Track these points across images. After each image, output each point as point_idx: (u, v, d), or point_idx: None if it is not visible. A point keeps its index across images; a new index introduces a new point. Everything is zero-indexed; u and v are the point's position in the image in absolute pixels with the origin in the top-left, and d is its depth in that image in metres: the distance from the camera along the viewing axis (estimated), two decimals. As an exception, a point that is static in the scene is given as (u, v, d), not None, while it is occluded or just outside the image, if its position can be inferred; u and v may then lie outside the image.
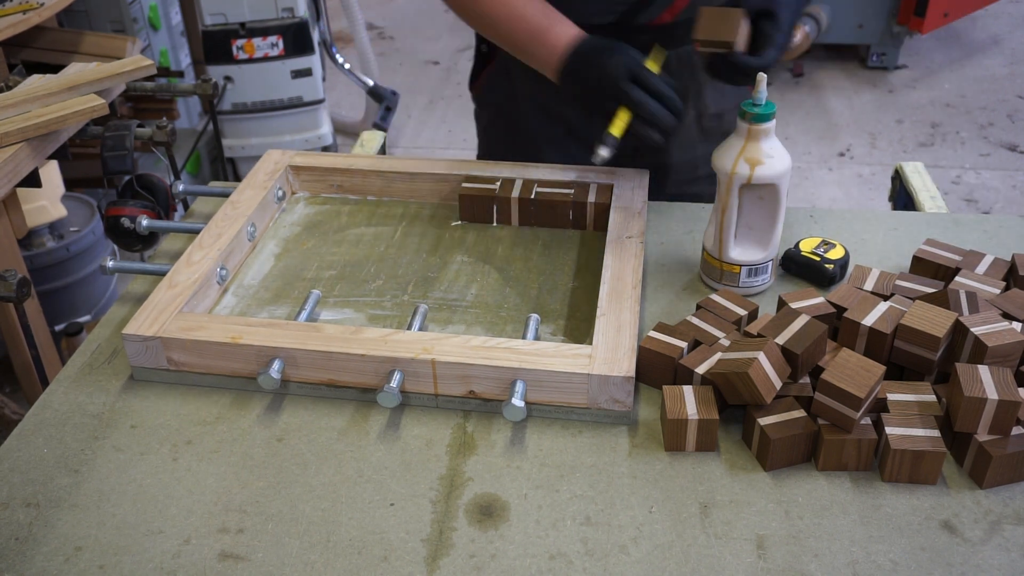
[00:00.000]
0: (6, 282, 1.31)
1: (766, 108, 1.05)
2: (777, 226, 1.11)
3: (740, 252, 1.12)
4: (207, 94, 1.73)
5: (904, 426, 0.88)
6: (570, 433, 0.95)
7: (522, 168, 1.31)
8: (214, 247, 1.14)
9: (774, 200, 1.09)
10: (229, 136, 3.14)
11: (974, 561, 0.80)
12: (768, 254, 1.12)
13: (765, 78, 1.04)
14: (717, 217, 1.11)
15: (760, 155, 1.06)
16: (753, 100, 1.05)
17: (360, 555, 0.82)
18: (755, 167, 1.06)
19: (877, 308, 0.97)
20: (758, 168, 1.06)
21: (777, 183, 1.07)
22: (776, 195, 1.08)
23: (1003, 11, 4.76)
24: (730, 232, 1.10)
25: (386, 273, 1.18)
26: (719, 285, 1.14)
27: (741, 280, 1.13)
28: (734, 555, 0.81)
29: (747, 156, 1.06)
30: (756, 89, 1.04)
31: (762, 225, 1.11)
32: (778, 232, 1.11)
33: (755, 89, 1.04)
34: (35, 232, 2.25)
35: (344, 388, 0.99)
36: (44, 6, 2.12)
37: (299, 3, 2.95)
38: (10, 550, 0.83)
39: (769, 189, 1.08)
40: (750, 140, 1.06)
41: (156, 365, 1.01)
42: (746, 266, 1.12)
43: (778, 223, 1.11)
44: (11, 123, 1.43)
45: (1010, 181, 3.43)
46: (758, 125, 1.05)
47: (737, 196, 1.08)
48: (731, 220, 1.10)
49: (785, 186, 1.08)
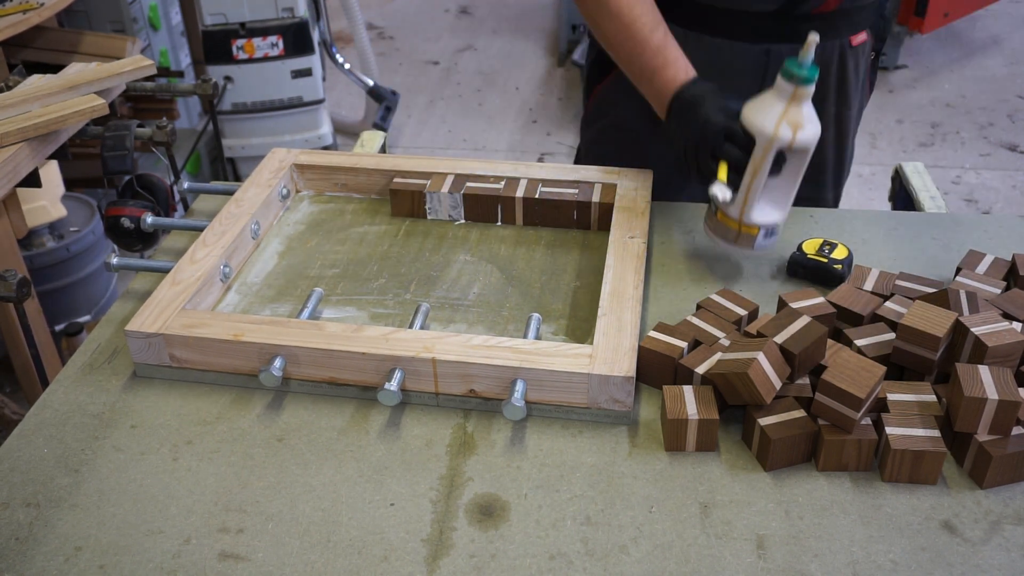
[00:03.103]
0: (6, 282, 1.31)
1: (812, 71, 1.00)
2: (795, 188, 1.09)
3: (759, 214, 1.09)
4: (207, 94, 1.72)
5: (904, 426, 0.88)
6: (570, 433, 0.95)
7: (525, 168, 1.31)
8: (217, 244, 1.14)
9: (799, 164, 1.06)
10: (229, 136, 3.14)
11: (974, 561, 0.80)
12: (784, 215, 1.11)
13: (817, 38, 0.99)
14: (746, 179, 1.06)
15: (802, 119, 1.02)
16: (799, 61, 1.00)
17: (360, 555, 0.82)
18: (797, 131, 1.02)
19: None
20: (800, 133, 1.02)
21: (811, 148, 1.05)
22: (802, 160, 1.06)
23: (1003, 11, 4.76)
24: (756, 195, 1.07)
25: (389, 272, 1.18)
26: (732, 247, 1.12)
27: (757, 242, 1.11)
28: (734, 555, 0.81)
29: (790, 119, 1.02)
30: (805, 51, 0.99)
31: (782, 186, 1.09)
32: (794, 194, 1.10)
33: (804, 51, 0.99)
34: (35, 232, 2.25)
35: (345, 386, 0.99)
36: (44, 6, 2.12)
37: (299, 3, 2.95)
38: (10, 550, 0.83)
39: (799, 154, 1.05)
40: (793, 103, 1.01)
41: (158, 362, 1.01)
42: (764, 227, 1.10)
43: (797, 185, 1.09)
44: (11, 123, 1.43)
45: (1010, 181, 3.43)
46: (804, 88, 1.01)
47: (771, 159, 1.04)
48: (760, 183, 1.06)
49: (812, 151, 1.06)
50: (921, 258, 1.21)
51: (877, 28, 1.36)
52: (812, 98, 1.04)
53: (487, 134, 3.81)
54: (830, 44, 1.29)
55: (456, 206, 1.28)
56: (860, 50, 1.34)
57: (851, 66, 1.34)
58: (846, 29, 1.30)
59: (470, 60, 4.46)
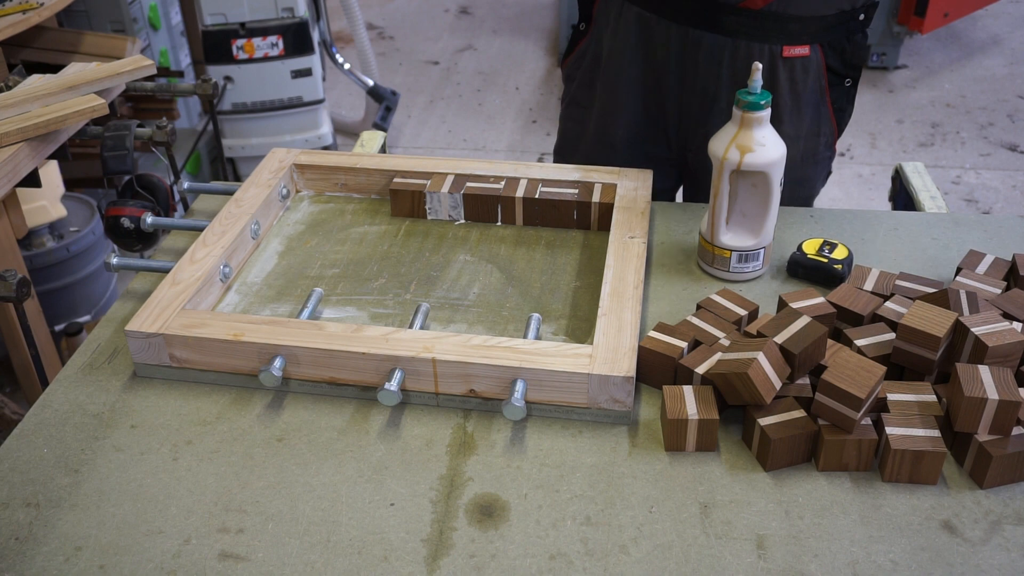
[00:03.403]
0: (6, 282, 1.31)
1: (759, 97, 1.06)
2: (769, 215, 1.12)
3: (731, 238, 1.14)
4: (207, 94, 1.72)
5: (904, 426, 0.88)
6: (570, 433, 0.95)
7: (525, 168, 1.31)
8: (218, 244, 1.14)
9: (766, 188, 1.11)
10: (229, 136, 3.14)
11: (974, 561, 0.80)
12: (759, 242, 1.14)
13: (760, 67, 1.06)
14: (711, 202, 1.14)
15: (751, 143, 1.08)
16: (748, 88, 1.07)
17: (360, 555, 0.82)
18: (745, 154, 1.08)
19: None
20: (748, 155, 1.08)
21: (768, 171, 1.09)
22: (768, 183, 1.10)
23: (1003, 11, 4.76)
24: (721, 217, 1.13)
25: (389, 272, 1.18)
26: (711, 269, 1.17)
27: (731, 265, 1.15)
28: (734, 555, 0.81)
29: (738, 143, 1.08)
30: (751, 78, 1.07)
31: (754, 212, 1.13)
32: (770, 221, 1.13)
33: (750, 78, 1.07)
34: (35, 232, 2.25)
35: (345, 386, 0.99)
36: (44, 6, 2.12)
37: (299, 3, 2.95)
38: (10, 550, 0.83)
39: (760, 177, 1.10)
40: (743, 127, 1.08)
41: (158, 362, 1.01)
42: (736, 251, 1.14)
43: (770, 212, 1.12)
44: (11, 123, 1.43)
45: (1010, 181, 3.43)
46: (751, 113, 1.07)
47: (728, 182, 1.11)
48: (722, 205, 1.12)
49: (777, 175, 1.10)
50: (921, 258, 1.21)
51: (839, 50, 1.30)
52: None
53: (487, 134, 3.81)
54: (757, 47, 1.27)
55: (456, 206, 1.28)
56: (798, 64, 1.28)
57: (783, 78, 1.29)
58: (776, 36, 1.26)
59: (470, 60, 4.46)
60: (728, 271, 1.15)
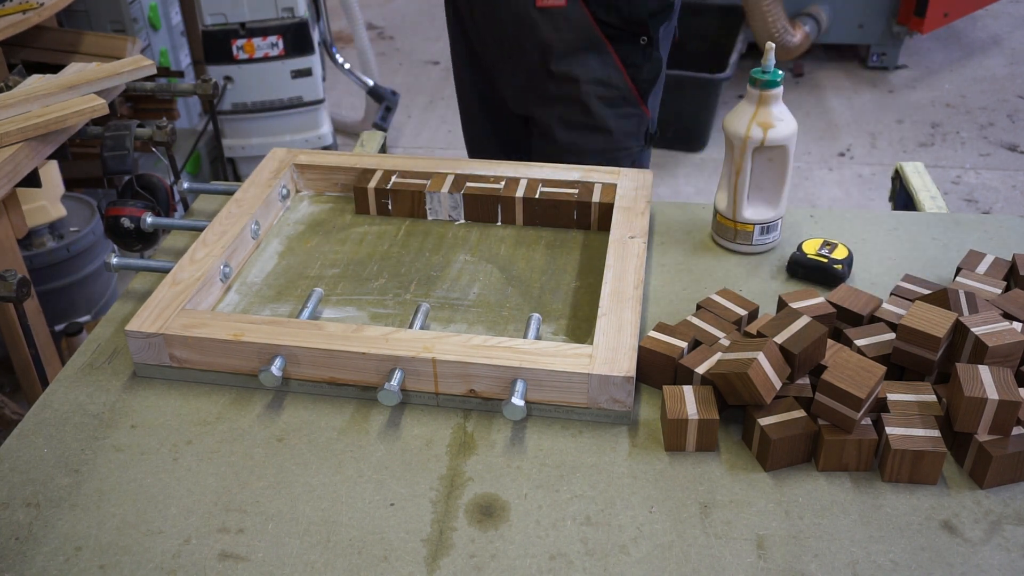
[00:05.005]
0: (6, 282, 1.31)
1: (774, 75, 1.13)
2: (786, 185, 1.17)
3: (753, 212, 1.19)
4: (207, 94, 1.72)
5: (904, 426, 0.88)
6: (570, 433, 0.95)
7: (525, 168, 1.31)
8: (218, 245, 1.14)
9: (783, 161, 1.16)
10: (229, 136, 3.14)
11: (974, 561, 0.80)
12: (778, 212, 1.19)
13: (773, 47, 1.10)
14: (731, 180, 1.18)
15: (771, 119, 1.13)
16: (762, 68, 1.13)
17: (360, 555, 0.82)
18: (767, 130, 1.13)
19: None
20: (770, 131, 1.13)
21: (787, 144, 1.14)
22: (785, 156, 1.15)
23: (1003, 11, 4.76)
24: (743, 193, 1.17)
25: (389, 272, 1.18)
26: (734, 244, 1.21)
27: (754, 238, 1.20)
28: (734, 555, 0.81)
29: (759, 120, 1.14)
30: (764, 58, 1.12)
31: (771, 185, 1.18)
32: (786, 191, 1.18)
33: (763, 58, 1.12)
34: (35, 232, 2.25)
35: (345, 386, 0.99)
36: (44, 6, 2.12)
37: (299, 3, 2.95)
38: (10, 550, 0.83)
39: (779, 151, 1.15)
40: (761, 105, 1.14)
41: (158, 362, 1.01)
42: (759, 224, 1.19)
43: (786, 182, 1.17)
44: (11, 123, 1.43)
45: (1010, 181, 3.43)
46: (768, 91, 1.13)
47: (751, 159, 1.15)
48: (745, 182, 1.16)
49: (793, 147, 1.15)
50: (921, 258, 1.21)
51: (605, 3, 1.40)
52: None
53: (487, 134, 3.80)
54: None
55: (456, 206, 1.28)
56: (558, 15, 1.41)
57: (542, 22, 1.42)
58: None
59: (470, 60, 4.45)
60: (751, 244, 1.20)
